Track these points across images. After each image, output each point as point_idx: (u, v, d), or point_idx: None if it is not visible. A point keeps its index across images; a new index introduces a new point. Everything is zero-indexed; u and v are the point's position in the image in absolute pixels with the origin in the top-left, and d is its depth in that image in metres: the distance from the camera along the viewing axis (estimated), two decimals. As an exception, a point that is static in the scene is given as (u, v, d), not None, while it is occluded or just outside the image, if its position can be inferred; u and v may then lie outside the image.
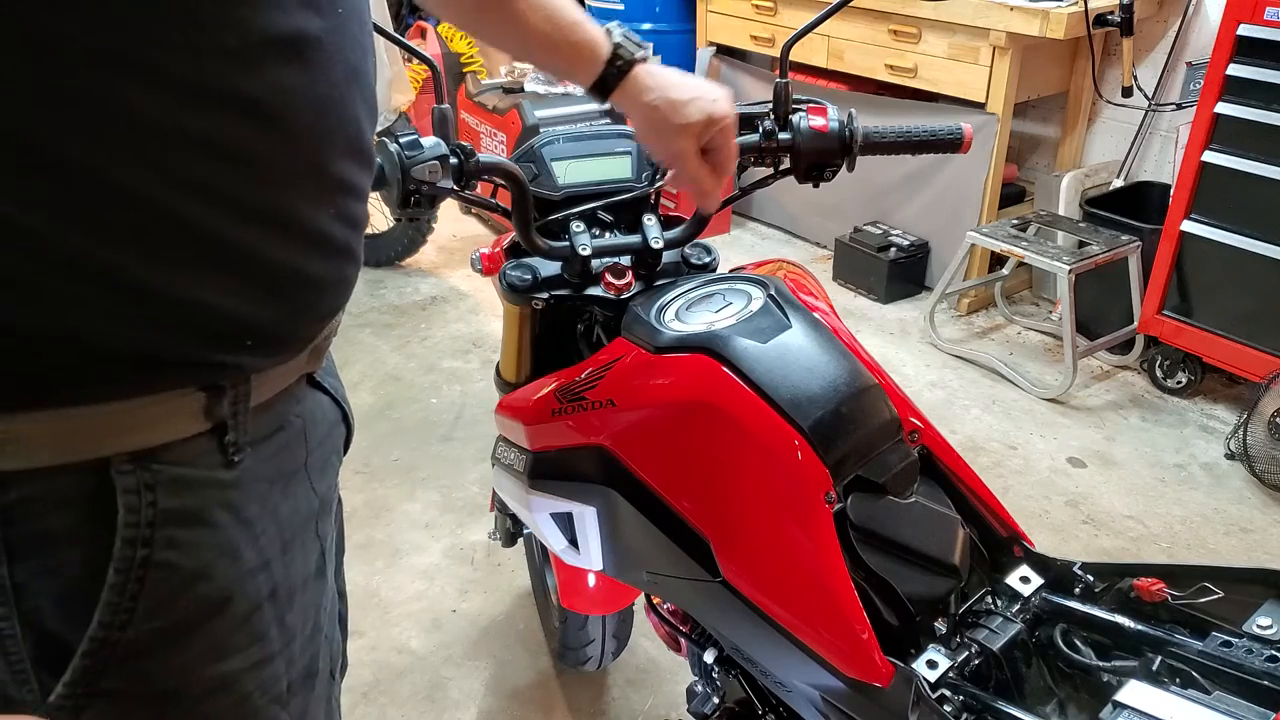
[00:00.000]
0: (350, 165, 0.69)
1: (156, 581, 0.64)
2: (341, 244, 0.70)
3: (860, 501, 0.92)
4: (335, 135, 0.66)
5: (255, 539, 0.69)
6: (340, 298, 0.73)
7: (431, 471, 2.52)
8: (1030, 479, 2.49)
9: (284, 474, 0.73)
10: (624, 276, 1.16)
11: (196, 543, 0.65)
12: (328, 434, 0.81)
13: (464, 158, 1.01)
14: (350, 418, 0.87)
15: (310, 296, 0.69)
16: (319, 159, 0.66)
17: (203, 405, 0.65)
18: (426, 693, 1.88)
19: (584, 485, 1.07)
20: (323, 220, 0.67)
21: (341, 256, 0.70)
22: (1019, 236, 2.89)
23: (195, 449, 0.65)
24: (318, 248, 0.67)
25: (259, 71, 0.59)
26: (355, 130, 0.69)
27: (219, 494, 0.67)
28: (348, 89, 0.67)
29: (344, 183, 0.69)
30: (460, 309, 3.38)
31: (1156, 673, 0.84)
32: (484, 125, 3.68)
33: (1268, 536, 2.28)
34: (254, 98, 0.60)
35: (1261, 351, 2.51)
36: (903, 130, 1.15)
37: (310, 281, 0.68)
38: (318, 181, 0.66)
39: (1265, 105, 2.37)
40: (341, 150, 0.67)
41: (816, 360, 0.95)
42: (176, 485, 0.64)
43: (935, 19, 3.03)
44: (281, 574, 0.73)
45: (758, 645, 0.93)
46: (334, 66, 0.65)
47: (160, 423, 0.63)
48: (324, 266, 0.68)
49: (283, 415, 0.73)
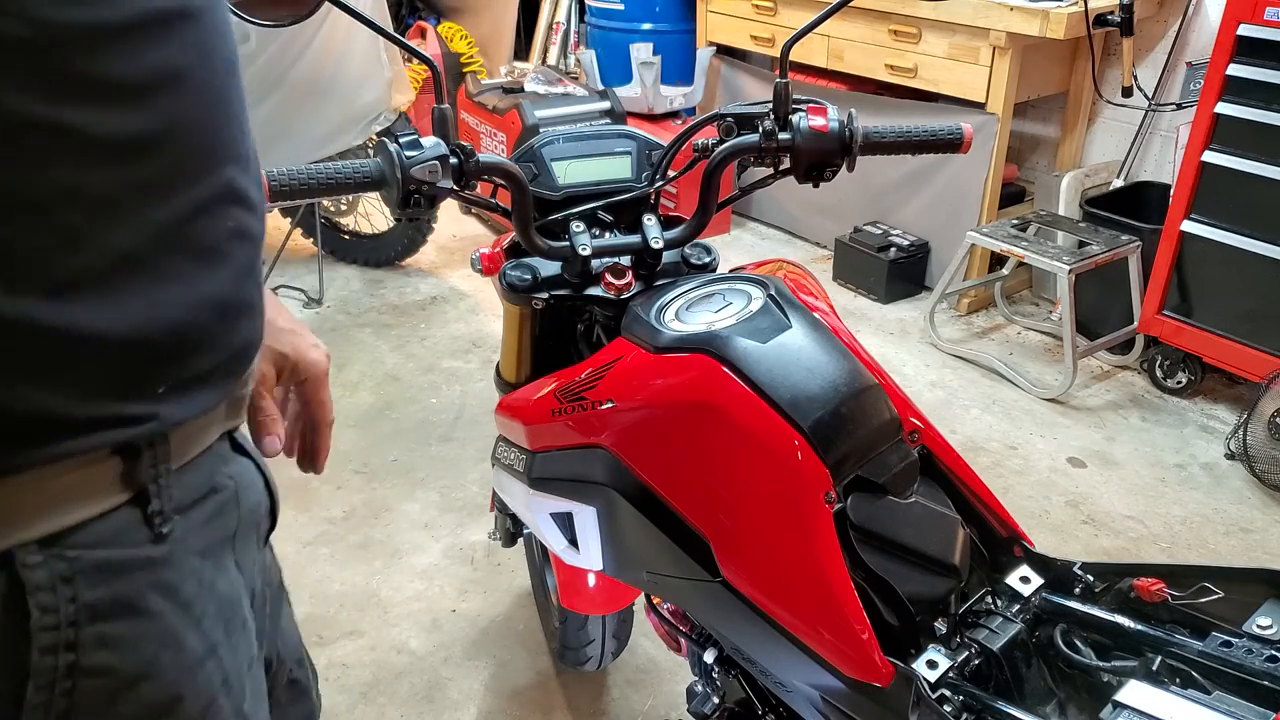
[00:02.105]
0: (237, 172, 0.61)
1: (90, 691, 0.54)
2: (244, 264, 0.62)
3: (860, 501, 0.92)
4: (222, 134, 0.59)
5: (197, 622, 0.60)
6: (247, 328, 0.64)
7: (431, 472, 2.52)
8: (1030, 479, 2.49)
9: (216, 545, 0.65)
10: (624, 276, 1.16)
11: (133, 637, 0.56)
12: (256, 504, 0.73)
13: (464, 158, 1.01)
14: (274, 488, 0.78)
15: (215, 324, 0.60)
16: (209, 162, 0.58)
17: (118, 471, 0.56)
18: (426, 693, 1.88)
19: (584, 485, 1.07)
20: (219, 234, 0.59)
21: (243, 277, 0.62)
22: (1019, 236, 2.88)
23: (115, 524, 0.56)
24: (214, 266, 0.59)
25: (137, 53, 0.52)
26: (240, 131, 0.62)
27: (150, 575, 0.57)
28: (228, 79, 0.60)
29: (235, 192, 0.61)
30: (460, 309, 3.38)
31: (1156, 673, 0.84)
32: (484, 125, 3.68)
33: (1268, 536, 2.28)
34: (135, 85, 0.52)
35: (1261, 351, 2.51)
36: (903, 130, 1.15)
37: (214, 305, 0.59)
38: (209, 189, 0.58)
39: (1265, 105, 2.37)
40: (227, 154, 0.60)
41: (816, 360, 0.95)
42: (100, 571, 0.54)
43: (935, 19, 3.03)
44: (230, 659, 0.64)
45: (758, 645, 0.93)
46: (215, 54, 0.58)
47: (70, 498, 0.53)
48: (226, 287, 0.60)
49: (211, 476, 0.65)
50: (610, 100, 3.53)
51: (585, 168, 1.19)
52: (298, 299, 3.42)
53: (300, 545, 2.26)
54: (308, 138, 3.02)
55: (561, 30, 4.87)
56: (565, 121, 3.36)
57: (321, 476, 2.48)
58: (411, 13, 4.44)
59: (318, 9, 0.98)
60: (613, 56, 4.02)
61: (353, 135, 3.07)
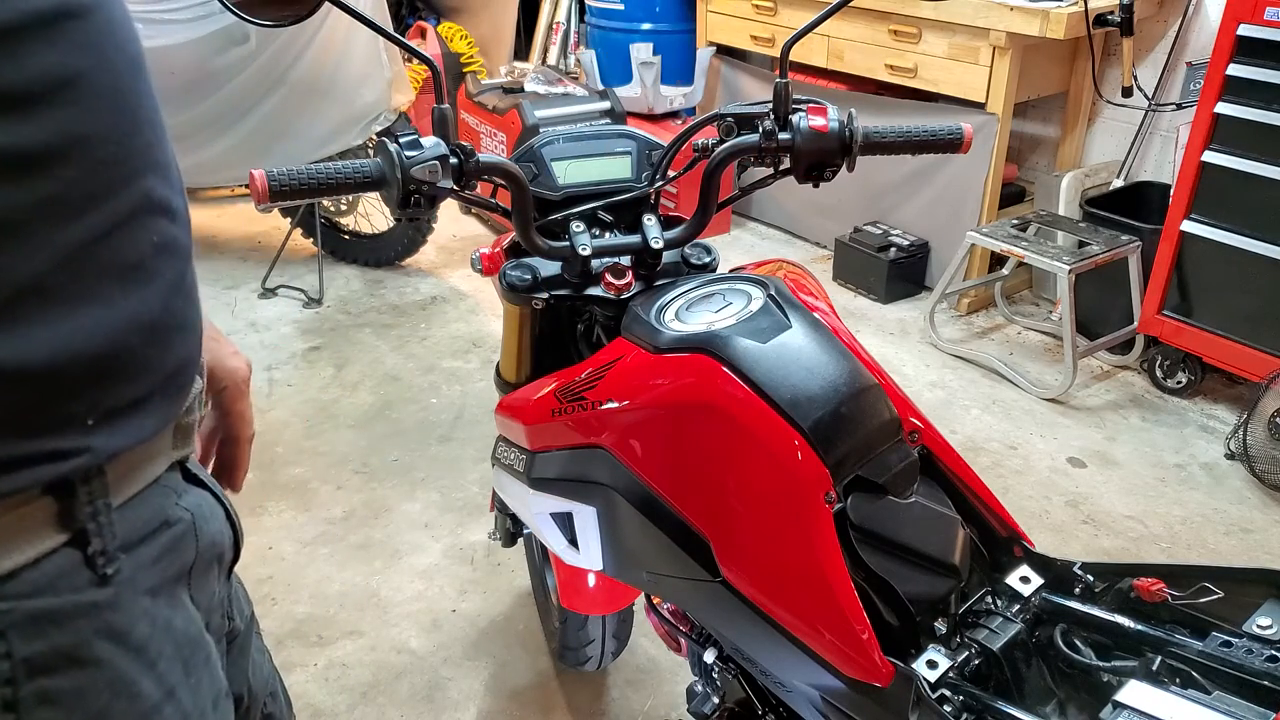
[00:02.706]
0: (156, 180, 0.58)
1: None
2: (171, 279, 0.58)
3: (860, 501, 0.92)
4: (133, 141, 0.55)
5: (152, 665, 0.57)
6: (181, 347, 0.60)
7: (431, 472, 2.52)
8: (1030, 479, 2.49)
9: (169, 581, 0.61)
10: (624, 276, 1.16)
11: (78, 690, 0.52)
12: (217, 536, 0.68)
13: (464, 158, 1.01)
14: (236, 519, 0.73)
15: (145, 347, 0.56)
16: (121, 172, 0.54)
17: (52, 511, 0.52)
18: (426, 693, 1.88)
19: (584, 485, 1.07)
20: (142, 250, 0.55)
21: (172, 294, 0.59)
22: (1019, 236, 2.88)
23: (52, 569, 0.52)
24: (138, 284, 0.55)
25: (19, 60, 0.48)
26: (155, 136, 0.58)
27: (95, 621, 0.53)
28: (135, 81, 0.56)
29: (155, 203, 0.57)
30: (460, 309, 3.38)
31: (1156, 673, 0.84)
32: (484, 125, 3.68)
33: (1268, 536, 2.28)
34: (21, 94, 0.48)
35: (1261, 351, 2.51)
36: (903, 130, 1.15)
37: (140, 327, 0.56)
38: (126, 202, 0.54)
39: (1265, 105, 2.37)
40: (141, 162, 0.56)
41: (816, 360, 0.95)
42: (36, 623, 0.51)
43: (935, 19, 3.03)
44: (190, 700, 0.60)
45: (758, 645, 0.93)
46: (114, 54, 0.54)
47: (0, 543, 0.50)
48: (154, 306, 0.57)
49: (161, 510, 0.61)
50: (610, 100, 3.53)
51: (585, 168, 1.19)
52: (298, 299, 3.42)
53: (300, 545, 2.26)
54: (308, 138, 3.02)
55: (561, 30, 4.87)
56: (565, 121, 3.36)
57: (322, 476, 2.49)
58: (411, 13, 4.44)
59: (318, 9, 0.98)
60: (613, 56, 4.02)
61: (353, 135, 3.07)
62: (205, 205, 4.15)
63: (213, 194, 4.18)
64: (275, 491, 2.44)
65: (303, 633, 2.02)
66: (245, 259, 3.73)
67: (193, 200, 4.33)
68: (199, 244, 3.81)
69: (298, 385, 2.91)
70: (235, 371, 0.78)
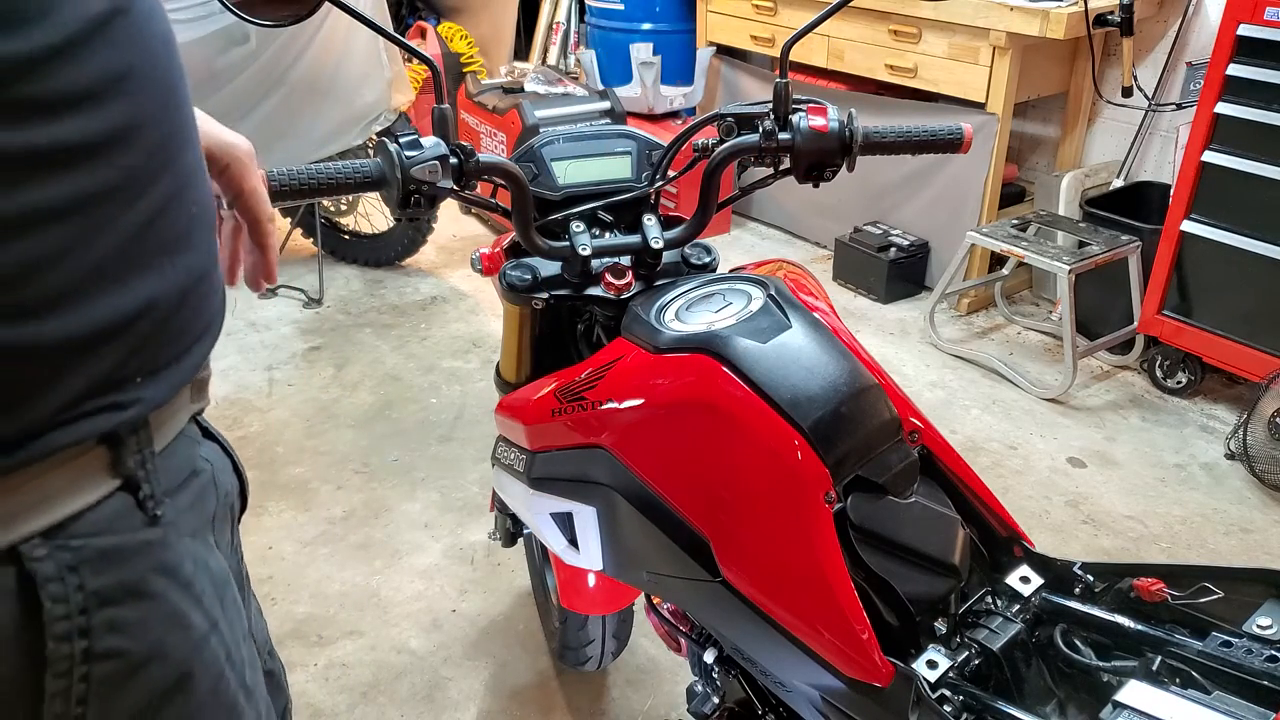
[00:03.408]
0: (192, 151, 0.63)
1: (104, 676, 0.56)
2: (205, 245, 0.64)
3: (860, 501, 0.92)
4: (175, 118, 0.60)
5: (198, 601, 0.63)
6: (210, 304, 0.66)
7: (431, 472, 2.52)
8: (1030, 479, 2.49)
9: (202, 526, 0.67)
10: (624, 276, 1.16)
11: (140, 620, 0.58)
12: (230, 486, 0.74)
13: (464, 158, 1.01)
14: (242, 469, 0.78)
15: (183, 309, 0.62)
16: (170, 150, 0.59)
17: (107, 460, 0.57)
18: (426, 693, 1.88)
19: (584, 485, 1.07)
20: (183, 223, 0.61)
21: (204, 257, 0.64)
22: (1019, 236, 2.88)
23: (110, 512, 0.58)
24: (181, 253, 0.61)
25: (83, 64, 0.53)
26: (188, 108, 0.63)
27: (150, 558, 0.59)
28: (170, 59, 0.60)
29: (195, 175, 0.63)
30: (460, 309, 3.38)
31: (1156, 673, 0.84)
32: (484, 125, 3.68)
33: (1268, 536, 2.28)
34: (84, 93, 0.53)
35: (1261, 351, 2.51)
36: (903, 130, 1.15)
37: (179, 292, 0.61)
38: (174, 179, 0.60)
39: (1265, 105, 2.37)
40: (185, 138, 0.62)
41: (816, 360, 0.95)
42: (103, 559, 0.56)
43: (935, 19, 3.03)
44: (229, 634, 0.66)
45: (758, 645, 0.93)
46: (153, 39, 0.58)
47: (65, 489, 0.55)
48: (193, 271, 0.62)
49: (190, 460, 0.67)
50: (610, 100, 3.53)
51: (585, 168, 1.19)
52: (298, 299, 3.42)
53: (300, 545, 2.26)
54: (308, 138, 3.02)
55: (561, 30, 4.87)
56: (565, 121, 3.36)
57: (322, 476, 2.50)
58: (411, 13, 4.44)
59: (318, 9, 0.98)
60: (613, 56, 4.02)
61: (353, 135, 3.07)
62: (205, 205, 4.14)
63: (213, 194, 4.17)
64: (275, 491, 2.44)
65: (303, 633, 2.02)
66: (245, 259, 3.73)
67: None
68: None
69: (298, 385, 2.91)
70: (233, 146, 0.77)
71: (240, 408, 2.79)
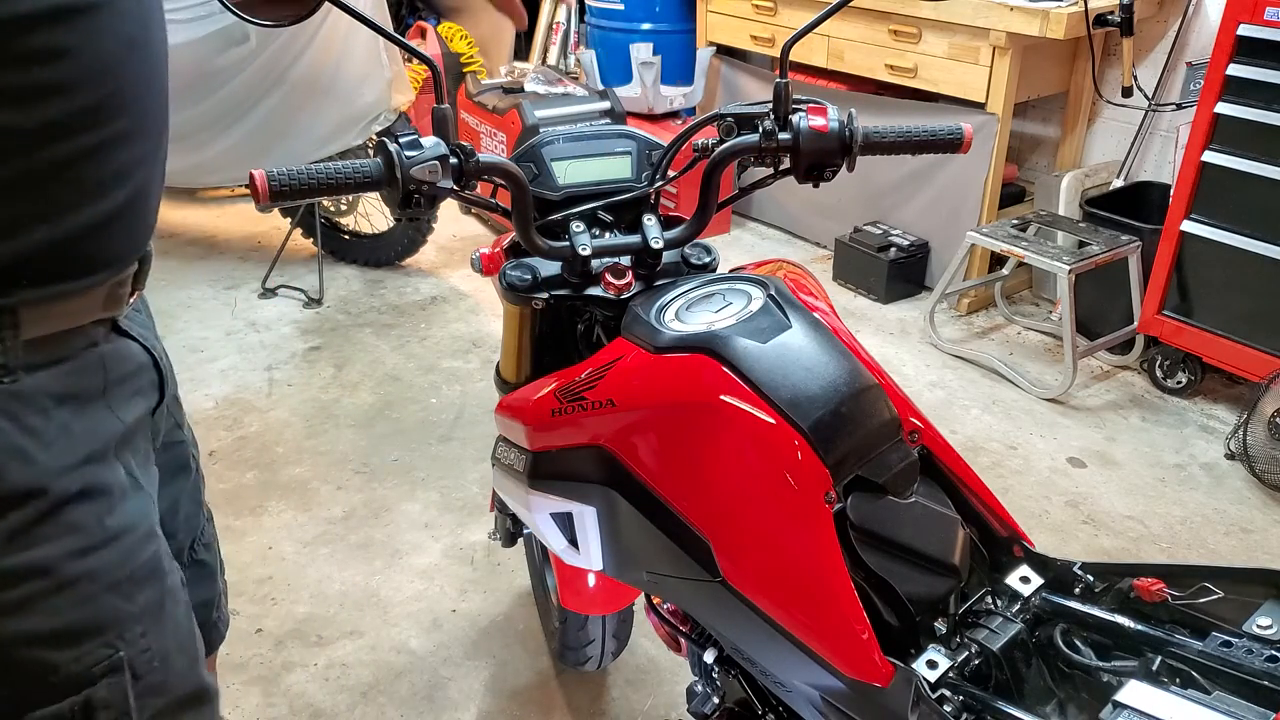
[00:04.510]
0: (155, 131, 0.86)
1: None
2: (126, 195, 0.82)
3: (860, 501, 0.92)
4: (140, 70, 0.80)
5: (46, 445, 0.80)
6: (121, 242, 0.84)
7: (431, 471, 2.52)
8: (1030, 479, 2.49)
9: (73, 396, 0.84)
10: (624, 276, 1.16)
11: None
12: (133, 374, 0.91)
13: (464, 158, 1.01)
14: (161, 363, 0.97)
15: (86, 241, 0.80)
16: (117, 105, 0.79)
17: None
18: (426, 693, 1.88)
19: (584, 485, 1.07)
20: (105, 173, 0.79)
21: (125, 207, 0.82)
22: (1019, 236, 2.89)
23: None
24: (100, 198, 0.79)
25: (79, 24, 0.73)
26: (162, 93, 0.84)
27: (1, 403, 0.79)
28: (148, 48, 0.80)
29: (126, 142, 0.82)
30: (460, 309, 3.38)
31: (1156, 673, 0.84)
32: (484, 125, 3.68)
33: (1268, 536, 2.28)
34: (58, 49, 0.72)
35: (1261, 351, 2.51)
36: (903, 130, 1.15)
37: (89, 228, 0.79)
38: (107, 130, 0.79)
39: (1265, 105, 2.37)
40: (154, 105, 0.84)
41: (816, 360, 0.95)
42: None
43: (935, 19, 3.03)
44: (93, 478, 0.83)
45: (758, 645, 0.93)
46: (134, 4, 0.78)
47: None
48: (106, 214, 0.80)
49: (69, 347, 0.83)
50: (610, 100, 3.53)
51: (585, 168, 1.19)
52: (298, 299, 3.42)
53: (300, 545, 2.26)
54: (307, 138, 3.02)
55: (561, 30, 4.87)
56: (565, 121, 3.36)
57: (322, 476, 2.50)
58: (411, 13, 4.44)
59: (318, 9, 0.98)
60: (613, 56, 4.02)
61: (353, 135, 3.07)
62: (205, 205, 4.15)
63: (213, 194, 4.18)
64: (275, 491, 2.44)
65: (303, 633, 2.02)
66: (245, 259, 3.73)
67: (193, 200, 4.32)
68: (199, 245, 3.82)
69: (298, 385, 2.91)
70: None
71: (240, 408, 2.79)
